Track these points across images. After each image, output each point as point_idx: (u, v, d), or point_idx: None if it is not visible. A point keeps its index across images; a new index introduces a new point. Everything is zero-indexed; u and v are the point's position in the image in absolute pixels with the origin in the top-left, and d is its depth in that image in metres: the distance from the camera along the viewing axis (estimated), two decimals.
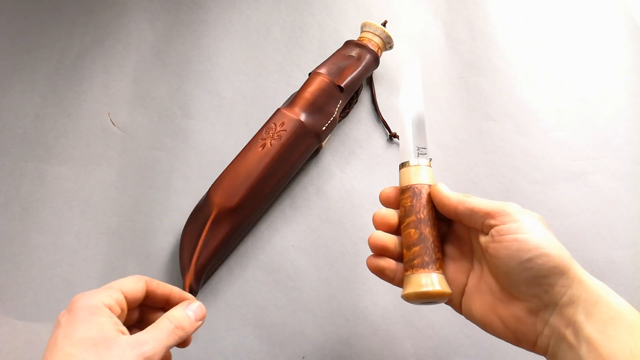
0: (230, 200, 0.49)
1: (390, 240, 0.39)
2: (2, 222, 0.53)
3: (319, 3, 0.66)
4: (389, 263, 0.38)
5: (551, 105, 0.59)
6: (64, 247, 0.52)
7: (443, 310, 0.50)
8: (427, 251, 0.37)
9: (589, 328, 0.30)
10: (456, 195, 0.37)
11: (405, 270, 0.37)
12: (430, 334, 0.49)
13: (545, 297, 0.32)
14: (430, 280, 0.36)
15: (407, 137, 0.42)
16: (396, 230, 0.39)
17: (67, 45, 0.63)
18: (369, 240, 0.39)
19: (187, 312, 0.37)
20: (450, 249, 0.39)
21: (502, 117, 0.59)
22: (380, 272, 0.39)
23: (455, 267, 0.38)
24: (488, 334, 0.49)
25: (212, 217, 0.49)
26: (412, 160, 0.40)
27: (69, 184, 0.55)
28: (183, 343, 0.38)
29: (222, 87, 0.61)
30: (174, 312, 0.36)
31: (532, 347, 0.34)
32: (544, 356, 0.34)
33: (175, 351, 0.44)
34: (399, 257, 0.39)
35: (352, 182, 0.56)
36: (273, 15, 0.65)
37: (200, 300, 0.49)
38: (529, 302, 0.33)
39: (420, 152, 0.41)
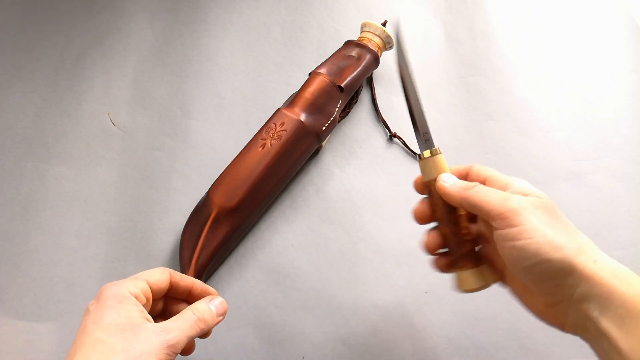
0: (230, 200, 0.49)
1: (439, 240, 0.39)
2: (2, 222, 0.53)
3: (319, 3, 0.66)
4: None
5: (551, 105, 0.59)
6: (64, 247, 0.52)
7: (443, 310, 0.50)
8: (453, 250, 0.37)
9: (605, 323, 0.30)
10: (458, 189, 0.36)
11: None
12: (430, 334, 0.49)
13: (556, 295, 0.32)
14: (459, 280, 0.37)
15: (412, 126, 0.41)
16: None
17: (67, 45, 0.63)
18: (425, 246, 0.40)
19: (210, 306, 0.39)
20: (483, 230, 0.39)
21: (502, 117, 0.59)
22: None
23: (493, 249, 0.37)
24: (488, 335, 0.49)
25: (212, 217, 0.49)
26: (422, 153, 0.39)
27: (69, 184, 0.55)
28: (203, 335, 0.40)
29: (222, 87, 0.61)
30: (197, 305, 0.38)
31: (564, 330, 0.34)
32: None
33: None
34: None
35: (352, 182, 0.56)
36: (273, 15, 0.65)
37: None
38: (544, 298, 0.33)
39: (426, 138, 0.40)
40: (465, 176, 0.38)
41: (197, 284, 0.41)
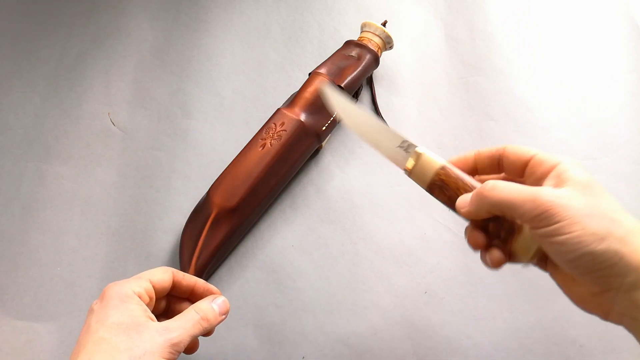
0: (230, 200, 0.49)
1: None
2: (2, 222, 0.53)
3: (319, 3, 0.66)
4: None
5: (551, 105, 0.59)
6: (64, 247, 0.52)
7: (443, 310, 0.50)
8: (504, 238, 0.35)
9: None
10: (476, 205, 0.33)
11: None
12: (430, 334, 0.49)
13: (603, 285, 0.30)
14: (520, 250, 0.34)
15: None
16: None
17: (67, 46, 0.63)
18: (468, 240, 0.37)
19: (212, 305, 0.39)
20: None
21: (502, 117, 0.59)
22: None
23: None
24: (488, 335, 0.49)
25: (212, 217, 0.49)
26: (408, 162, 0.38)
27: (69, 184, 0.55)
28: (206, 334, 0.40)
29: (222, 87, 0.61)
30: (200, 304, 0.39)
31: (605, 318, 0.32)
32: (621, 325, 0.32)
33: None
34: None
35: (352, 182, 0.56)
36: (273, 15, 0.65)
37: None
38: (590, 287, 0.31)
39: (403, 148, 0.38)
40: (497, 160, 0.36)
41: (200, 282, 0.42)
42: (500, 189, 0.32)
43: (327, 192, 0.55)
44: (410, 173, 0.38)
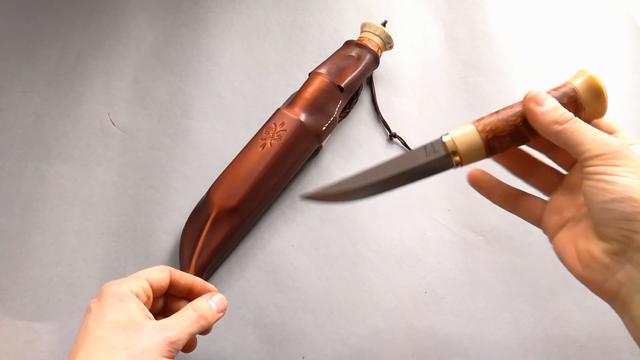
0: (230, 200, 0.49)
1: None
2: (2, 222, 0.53)
3: (319, 3, 0.66)
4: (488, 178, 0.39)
5: None
6: (64, 247, 0.52)
7: (443, 310, 0.50)
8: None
9: None
10: (553, 120, 0.32)
11: None
12: (430, 334, 0.49)
13: (625, 242, 0.30)
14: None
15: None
16: None
17: (67, 46, 0.63)
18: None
19: (210, 303, 0.39)
20: (574, 178, 0.36)
21: None
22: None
23: (571, 200, 0.36)
24: (488, 334, 0.49)
25: (212, 217, 0.49)
26: (452, 159, 0.35)
27: (69, 184, 0.55)
28: (204, 332, 0.40)
29: (222, 87, 0.61)
30: (198, 302, 0.39)
31: (599, 288, 0.32)
32: (611, 303, 0.32)
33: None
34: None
35: None
36: (273, 15, 0.65)
37: None
38: (609, 243, 0.31)
39: (431, 152, 0.35)
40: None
41: (197, 281, 0.42)
42: (580, 129, 0.32)
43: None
44: (461, 162, 0.35)
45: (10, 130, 0.58)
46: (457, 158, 0.34)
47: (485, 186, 0.39)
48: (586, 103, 0.33)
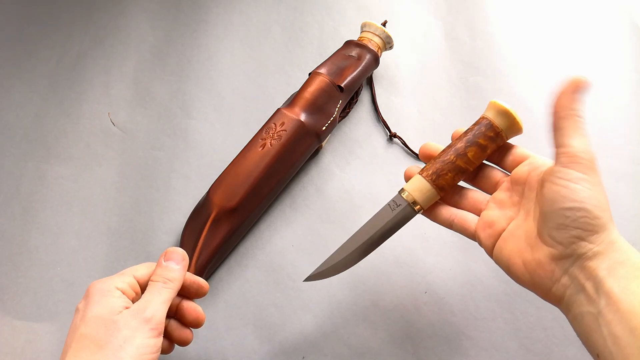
0: (230, 200, 0.49)
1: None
2: (2, 222, 0.53)
3: (319, 3, 0.66)
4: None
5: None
6: (64, 247, 0.52)
7: (443, 310, 0.50)
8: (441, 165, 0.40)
9: (611, 283, 0.31)
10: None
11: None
12: (430, 334, 0.49)
13: (570, 247, 0.33)
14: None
15: None
16: None
17: (67, 46, 0.63)
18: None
19: (165, 264, 0.39)
20: (501, 197, 0.40)
21: None
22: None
23: (500, 214, 0.39)
24: (488, 334, 0.49)
25: (212, 217, 0.49)
26: (415, 206, 0.41)
27: (69, 184, 0.55)
28: (196, 294, 0.42)
29: (222, 87, 0.61)
30: (155, 271, 0.39)
31: (546, 293, 0.35)
32: (557, 305, 0.35)
33: (175, 351, 0.44)
34: None
35: (352, 182, 0.56)
36: (273, 15, 0.65)
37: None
38: (554, 248, 0.33)
39: (394, 207, 0.43)
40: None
41: (186, 275, 0.41)
42: (578, 117, 0.36)
43: (327, 192, 0.56)
44: (423, 209, 0.42)
45: (10, 130, 0.58)
46: (417, 207, 0.41)
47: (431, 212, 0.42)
48: (501, 125, 0.39)
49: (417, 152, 0.57)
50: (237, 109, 0.60)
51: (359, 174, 0.56)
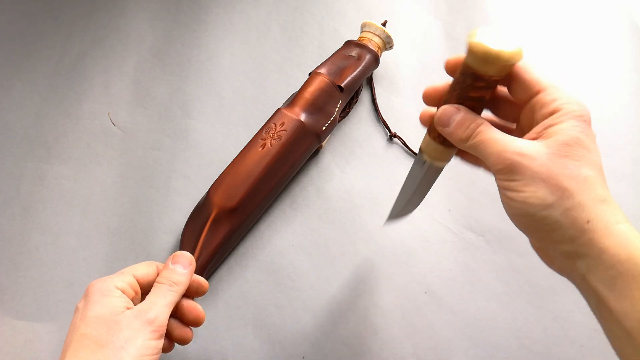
0: (230, 200, 0.49)
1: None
2: (2, 222, 0.53)
3: (319, 3, 0.66)
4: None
5: None
6: (64, 247, 0.52)
7: (443, 310, 0.50)
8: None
9: (594, 282, 0.29)
10: (460, 138, 0.34)
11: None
12: (430, 334, 0.49)
13: (543, 243, 0.32)
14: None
15: None
16: None
17: (67, 46, 0.63)
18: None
19: (172, 267, 0.39)
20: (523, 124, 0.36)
21: None
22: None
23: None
24: (488, 334, 0.49)
25: (212, 217, 0.49)
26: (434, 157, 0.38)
27: (69, 184, 0.55)
28: (196, 292, 0.42)
29: (222, 87, 0.61)
30: (162, 273, 0.39)
31: (552, 267, 0.34)
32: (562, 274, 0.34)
33: (175, 350, 0.44)
34: None
35: (352, 182, 0.56)
36: (273, 15, 0.65)
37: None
38: (534, 242, 0.33)
39: (421, 161, 0.40)
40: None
41: None
42: (484, 141, 0.32)
43: (327, 192, 0.56)
44: (448, 161, 0.38)
45: (10, 130, 0.58)
46: (441, 163, 0.38)
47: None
48: (491, 71, 0.32)
49: (417, 152, 0.57)
50: (237, 109, 0.60)
51: (359, 174, 0.56)
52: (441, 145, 0.37)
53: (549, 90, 0.33)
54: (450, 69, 0.37)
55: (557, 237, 0.30)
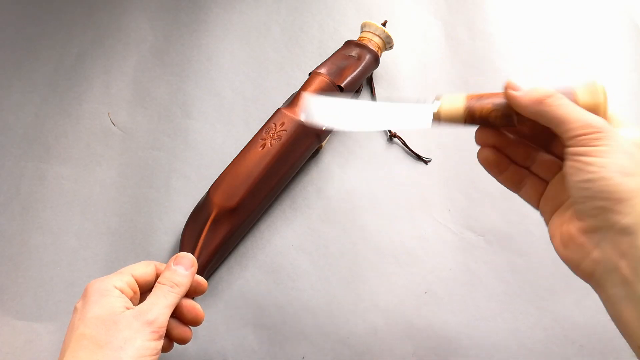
0: (230, 200, 0.49)
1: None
2: (2, 222, 0.53)
3: (319, 3, 0.66)
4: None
5: None
6: (64, 247, 0.52)
7: (443, 310, 0.50)
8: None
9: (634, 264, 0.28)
10: (533, 99, 0.33)
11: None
12: (430, 334, 0.49)
13: (598, 219, 0.30)
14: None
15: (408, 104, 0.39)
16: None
17: (67, 46, 0.63)
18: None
19: (174, 268, 0.39)
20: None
21: None
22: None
23: (563, 185, 0.36)
24: (488, 335, 0.49)
25: (212, 217, 0.49)
26: (434, 106, 0.37)
27: (69, 184, 0.55)
28: (195, 292, 0.42)
29: (222, 87, 0.61)
30: (164, 274, 0.39)
31: (577, 267, 0.33)
32: (588, 281, 0.33)
33: (174, 350, 0.44)
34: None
35: (352, 182, 0.56)
36: (273, 15, 0.65)
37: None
38: (584, 221, 0.31)
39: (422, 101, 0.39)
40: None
41: None
42: (563, 104, 0.32)
43: (327, 192, 0.56)
44: (439, 116, 0.37)
45: (10, 130, 0.58)
46: (436, 112, 0.37)
47: (495, 164, 0.39)
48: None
49: (417, 152, 0.57)
50: (237, 109, 0.60)
51: (359, 174, 0.56)
52: (463, 123, 0.37)
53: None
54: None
55: (624, 208, 0.29)
